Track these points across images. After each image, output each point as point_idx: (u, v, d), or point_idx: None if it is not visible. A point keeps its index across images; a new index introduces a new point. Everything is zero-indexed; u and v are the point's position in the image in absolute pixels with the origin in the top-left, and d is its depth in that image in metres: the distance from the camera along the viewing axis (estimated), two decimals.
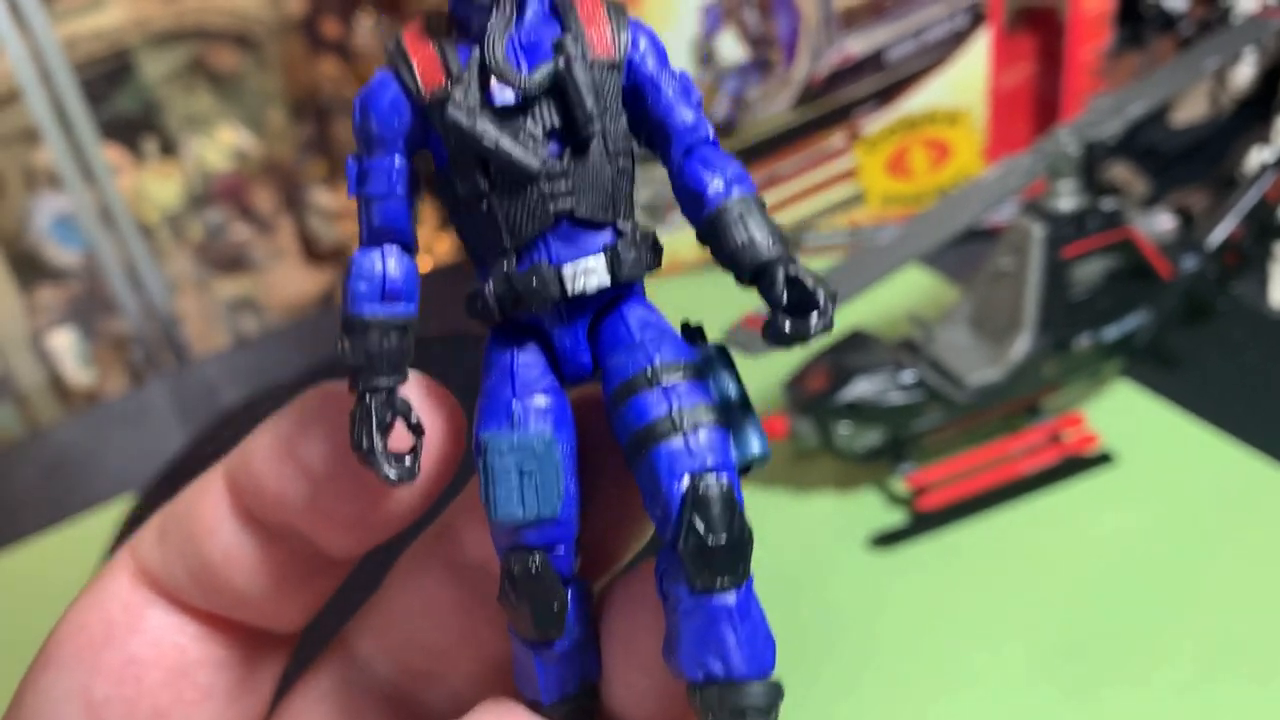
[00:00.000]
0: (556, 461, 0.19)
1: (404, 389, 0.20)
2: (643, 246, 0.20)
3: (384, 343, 0.20)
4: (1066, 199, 0.60)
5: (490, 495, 0.19)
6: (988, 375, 0.60)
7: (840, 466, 0.63)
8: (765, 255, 0.19)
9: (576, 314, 0.20)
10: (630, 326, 0.20)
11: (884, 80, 0.82)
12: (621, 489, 0.21)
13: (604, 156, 0.20)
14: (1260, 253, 0.69)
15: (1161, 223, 0.86)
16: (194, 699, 0.22)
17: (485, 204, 0.20)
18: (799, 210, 0.86)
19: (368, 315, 0.20)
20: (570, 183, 0.19)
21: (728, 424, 0.20)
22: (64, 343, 1.22)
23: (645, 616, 0.20)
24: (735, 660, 0.19)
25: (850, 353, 0.60)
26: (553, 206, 0.19)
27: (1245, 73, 0.91)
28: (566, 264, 0.20)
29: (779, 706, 0.19)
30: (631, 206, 0.20)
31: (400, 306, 0.20)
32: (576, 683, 0.21)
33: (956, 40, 0.81)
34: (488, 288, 0.20)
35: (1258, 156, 0.86)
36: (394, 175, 0.20)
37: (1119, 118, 0.59)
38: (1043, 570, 0.57)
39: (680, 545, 0.18)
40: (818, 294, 0.19)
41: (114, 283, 1.17)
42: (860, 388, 0.58)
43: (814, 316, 0.18)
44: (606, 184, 0.20)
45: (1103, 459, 0.62)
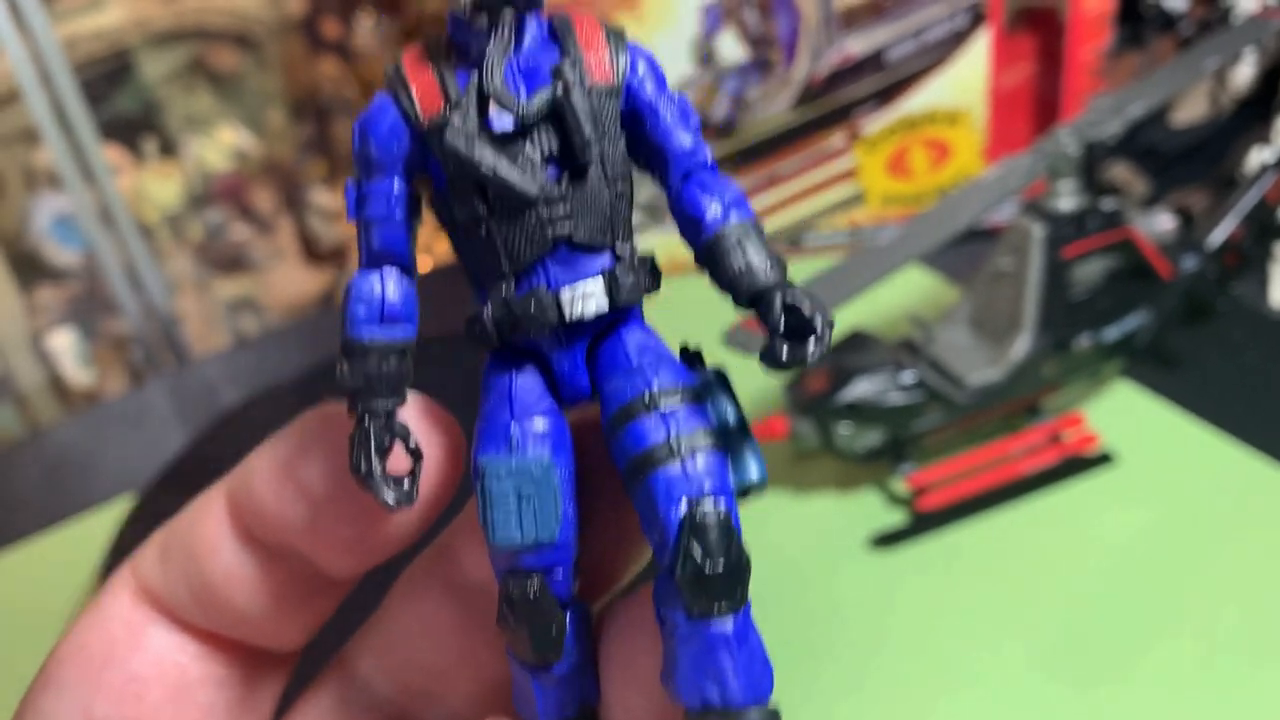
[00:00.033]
0: (554, 485, 0.19)
1: (403, 411, 0.20)
2: (640, 270, 0.20)
3: (383, 366, 0.20)
4: (1066, 199, 0.60)
5: (488, 519, 0.19)
6: (988, 375, 0.60)
7: (840, 467, 0.63)
8: (763, 281, 0.19)
9: (575, 338, 0.20)
10: (628, 351, 0.20)
11: (884, 80, 0.82)
12: (620, 511, 0.21)
13: (602, 181, 0.20)
14: (1260, 253, 0.69)
15: (1161, 223, 0.86)
16: (195, 717, 0.22)
17: (484, 229, 0.20)
18: (799, 210, 0.86)
19: (366, 339, 0.20)
20: (568, 207, 0.19)
21: (726, 449, 0.20)
22: (64, 343, 1.22)
23: (644, 641, 0.20)
24: (732, 687, 0.19)
25: (850, 353, 0.60)
26: (551, 231, 0.19)
27: (1245, 73, 0.91)
28: (564, 289, 0.20)
29: None
30: (630, 230, 0.21)
31: (399, 329, 0.20)
32: (575, 706, 0.21)
33: (956, 40, 0.81)
34: (486, 312, 0.20)
35: (1258, 157, 0.86)
36: (393, 199, 0.20)
37: (1119, 118, 0.59)
38: (1043, 570, 0.57)
39: (677, 571, 0.18)
40: (815, 320, 0.19)
41: (114, 283, 1.17)
42: (860, 388, 0.58)
43: (811, 342, 0.19)
44: (605, 208, 0.20)
45: (1103, 459, 0.62)
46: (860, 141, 0.84)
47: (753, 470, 0.20)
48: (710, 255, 0.20)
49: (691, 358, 0.21)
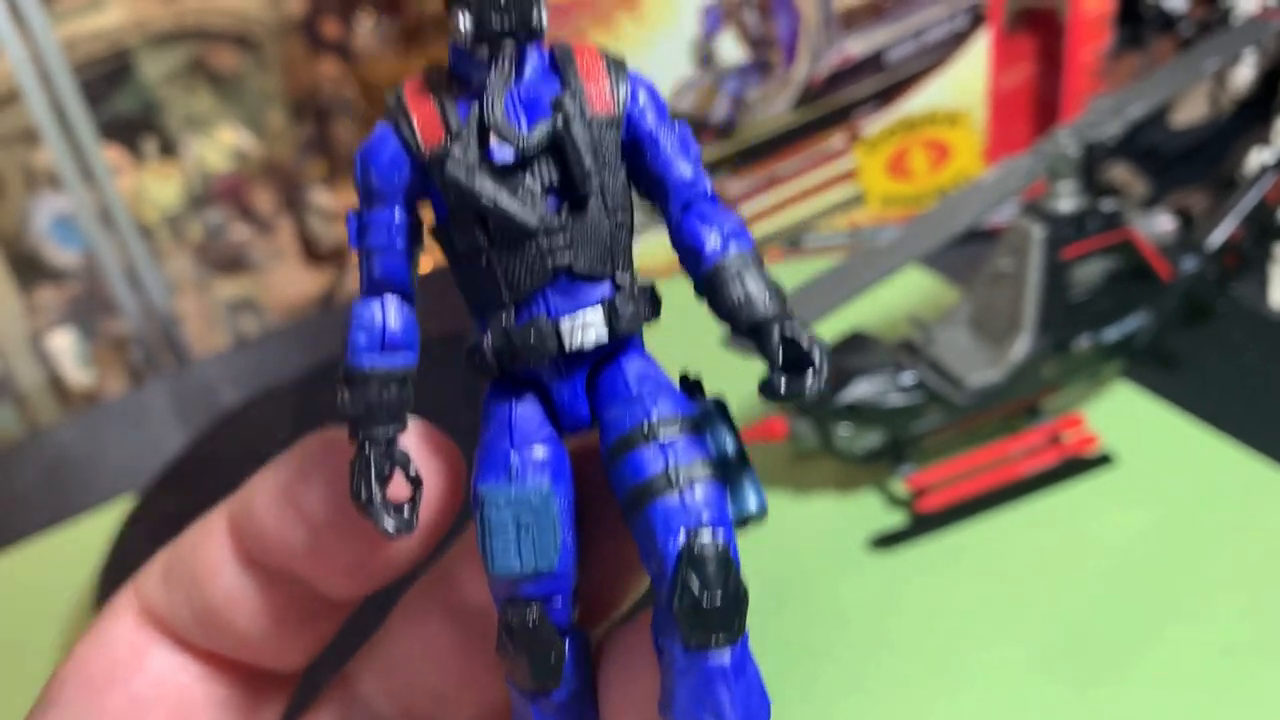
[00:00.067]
0: (554, 514, 0.19)
1: (404, 438, 0.20)
2: (640, 300, 0.20)
3: (384, 393, 0.20)
4: (1066, 200, 0.60)
5: (487, 548, 0.19)
6: (988, 376, 0.60)
7: (840, 468, 0.63)
8: (762, 313, 0.19)
9: (574, 367, 0.21)
10: (628, 379, 0.20)
11: (884, 81, 0.82)
12: (619, 539, 0.21)
13: (602, 211, 0.20)
14: (1260, 254, 0.69)
15: (1161, 224, 0.86)
16: None
17: (484, 259, 0.20)
18: (799, 211, 0.86)
19: (367, 367, 0.20)
20: (568, 238, 0.20)
21: (725, 479, 0.20)
22: (64, 343, 1.22)
23: (642, 670, 0.20)
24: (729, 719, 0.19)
25: (850, 354, 0.60)
26: (551, 262, 0.20)
27: (1245, 74, 0.91)
28: (564, 318, 0.20)
29: None
30: (630, 259, 0.21)
31: (400, 357, 0.20)
32: None
33: (956, 41, 0.81)
34: (486, 341, 0.20)
35: (1257, 158, 0.86)
36: (393, 229, 0.20)
37: (1119, 119, 0.59)
38: (1043, 571, 0.57)
39: (675, 603, 0.19)
40: (813, 353, 0.19)
41: (114, 283, 1.17)
42: (860, 389, 0.58)
43: (809, 375, 0.19)
44: (605, 238, 0.20)
45: (1103, 460, 0.62)
46: (860, 142, 0.84)
47: (751, 501, 0.20)
48: (709, 286, 0.20)
49: (691, 386, 0.21)
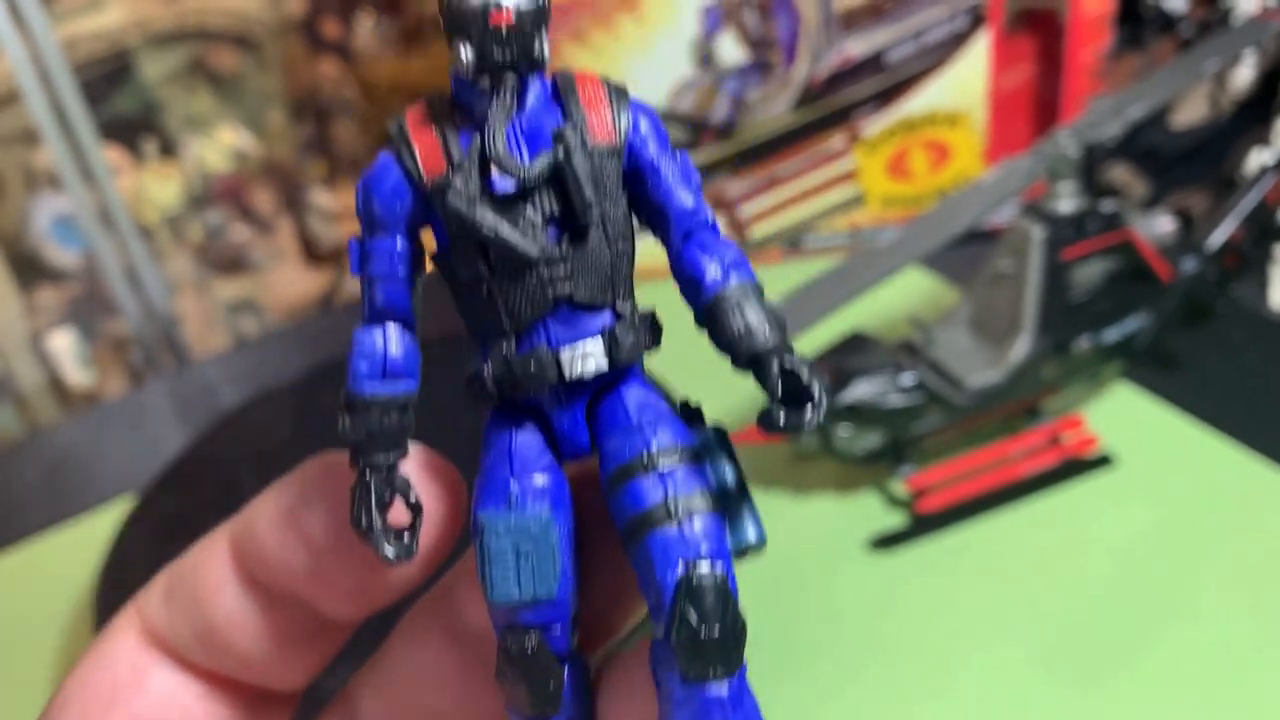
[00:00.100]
0: (553, 542, 0.20)
1: (405, 464, 0.21)
2: (641, 329, 0.20)
3: (384, 420, 0.20)
4: (1066, 201, 0.60)
5: (487, 575, 0.20)
6: (987, 377, 0.60)
7: (840, 469, 0.63)
8: (761, 345, 0.20)
9: (574, 396, 0.21)
10: (628, 408, 0.20)
11: (884, 82, 0.82)
12: (619, 565, 0.21)
13: (603, 241, 0.20)
14: (1260, 255, 0.69)
15: (1161, 224, 0.86)
16: None
17: (485, 288, 0.20)
18: (799, 212, 0.86)
19: (368, 394, 0.20)
20: (569, 268, 0.20)
21: (724, 510, 0.20)
22: (64, 343, 1.22)
23: (639, 700, 0.20)
24: None
25: (850, 355, 0.60)
26: (551, 291, 0.20)
27: (1245, 74, 0.91)
28: (564, 348, 0.20)
29: None
30: (631, 288, 0.21)
31: (401, 384, 0.20)
32: None
33: (956, 42, 0.81)
34: (486, 369, 0.20)
35: (1257, 158, 0.86)
36: (395, 257, 0.20)
37: (1119, 119, 0.59)
38: (1043, 572, 0.57)
39: (673, 636, 0.19)
40: (812, 387, 0.19)
41: (114, 283, 1.17)
42: (860, 390, 0.58)
43: (808, 409, 0.19)
44: (605, 267, 0.20)
45: (1103, 461, 0.62)
46: (860, 143, 0.84)
47: (750, 532, 0.20)
48: (709, 317, 0.20)
49: (692, 414, 0.21)
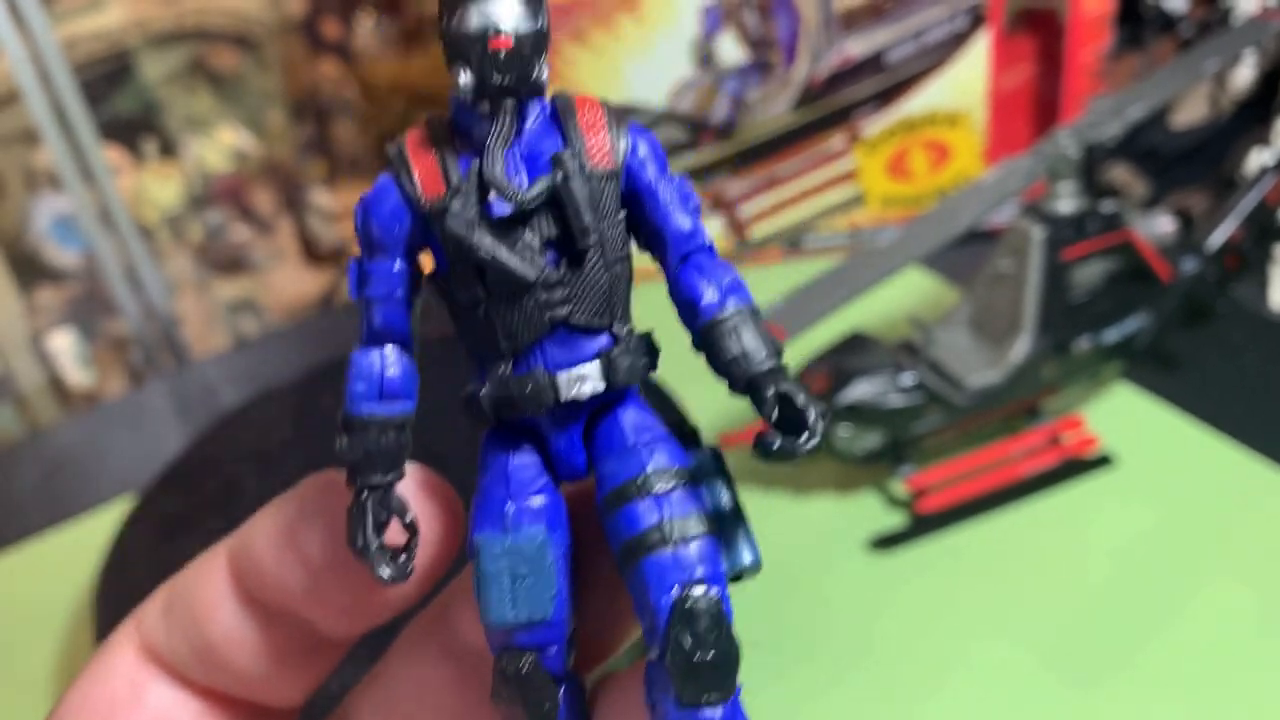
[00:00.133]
0: (548, 564, 0.20)
1: (402, 484, 0.21)
2: (638, 351, 0.21)
3: (381, 440, 0.20)
4: (1066, 201, 0.60)
5: (483, 597, 0.20)
6: (987, 377, 0.60)
7: (840, 469, 0.63)
8: (757, 370, 0.20)
9: (571, 418, 0.21)
10: (624, 430, 0.21)
11: (884, 82, 0.82)
12: (615, 585, 0.21)
13: (601, 264, 0.20)
14: (1260, 255, 0.69)
15: (1161, 225, 0.86)
16: None
17: (483, 310, 0.20)
18: (799, 212, 0.86)
19: (366, 414, 0.20)
20: (567, 291, 0.20)
21: (719, 533, 0.20)
22: (64, 343, 1.22)
23: (636, 718, 0.20)
24: None
25: (850, 355, 0.60)
26: (549, 314, 0.20)
27: (1245, 75, 0.91)
28: (561, 371, 0.20)
29: None
30: (628, 310, 0.21)
31: (398, 405, 0.21)
32: None
33: (956, 42, 0.81)
34: (484, 390, 0.20)
35: (1257, 159, 0.86)
36: (393, 279, 0.20)
37: (1119, 119, 0.59)
38: (1043, 573, 0.57)
39: (668, 660, 0.19)
40: (808, 413, 0.19)
41: (113, 284, 1.17)
42: (860, 390, 0.58)
43: (804, 436, 0.19)
44: (603, 290, 0.20)
45: (1103, 461, 0.62)
46: (860, 143, 0.84)
47: (745, 554, 0.20)
48: (706, 341, 0.20)
49: (688, 436, 0.21)
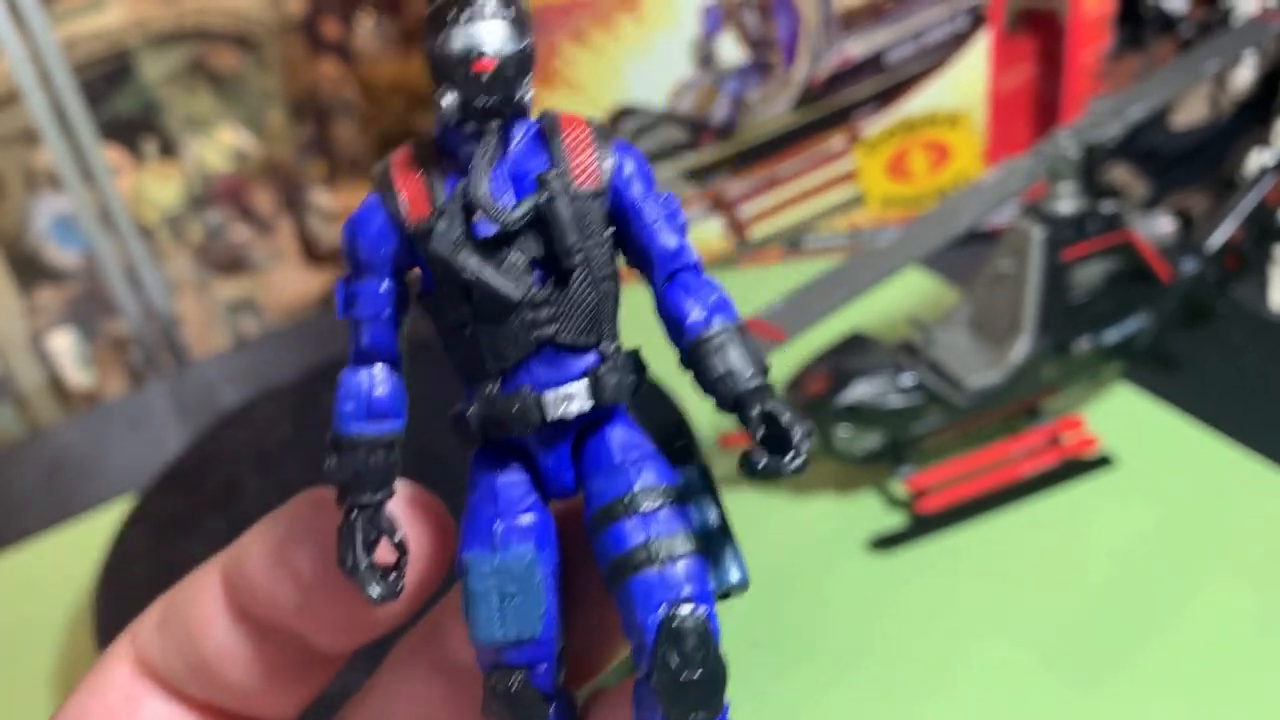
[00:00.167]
0: (537, 583, 0.20)
1: (392, 503, 0.21)
2: (625, 370, 0.21)
3: (370, 459, 0.20)
4: (1066, 201, 0.60)
5: (471, 616, 0.20)
6: (987, 378, 0.60)
7: (840, 469, 0.63)
8: (743, 388, 0.20)
9: (558, 436, 0.21)
10: (611, 448, 0.21)
11: (884, 82, 0.82)
12: (605, 602, 0.21)
13: (587, 283, 0.20)
14: (1260, 256, 0.69)
15: (1161, 225, 0.86)
16: None
17: (470, 330, 0.20)
18: (798, 212, 0.86)
19: (354, 434, 0.20)
20: (553, 310, 0.20)
21: (706, 552, 0.20)
22: (64, 344, 1.22)
23: None
24: None
25: (849, 355, 0.60)
26: (535, 334, 0.20)
27: (1245, 75, 0.91)
28: (548, 391, 0.20)
29: None
30: (616, 328, 0.21)
31: (387, 424, 0.21)
32: None
33: (956, 42, 0.81)
34: (471, 410, 0.20)
35: (1258, 159, 0.86)
36: (380, 299, 0.20)
37: (1119, 120, 0.59)
38: (1043, 573, 0.57)
39: (655, 678, 0.19)
40: (793, 432, 0.19)
41: (114, 284, 1.17)
42: (859, 390, 0.58)
43: (789, 456, 0.19)
44: (589, 309, 0.20)
45: (1103, 462, 0.62)
46: (860, 143, 0.84)
47: (733, 572, 0.20)
48: (692, 359, 0.20)
49: (677, 453, 0.21)
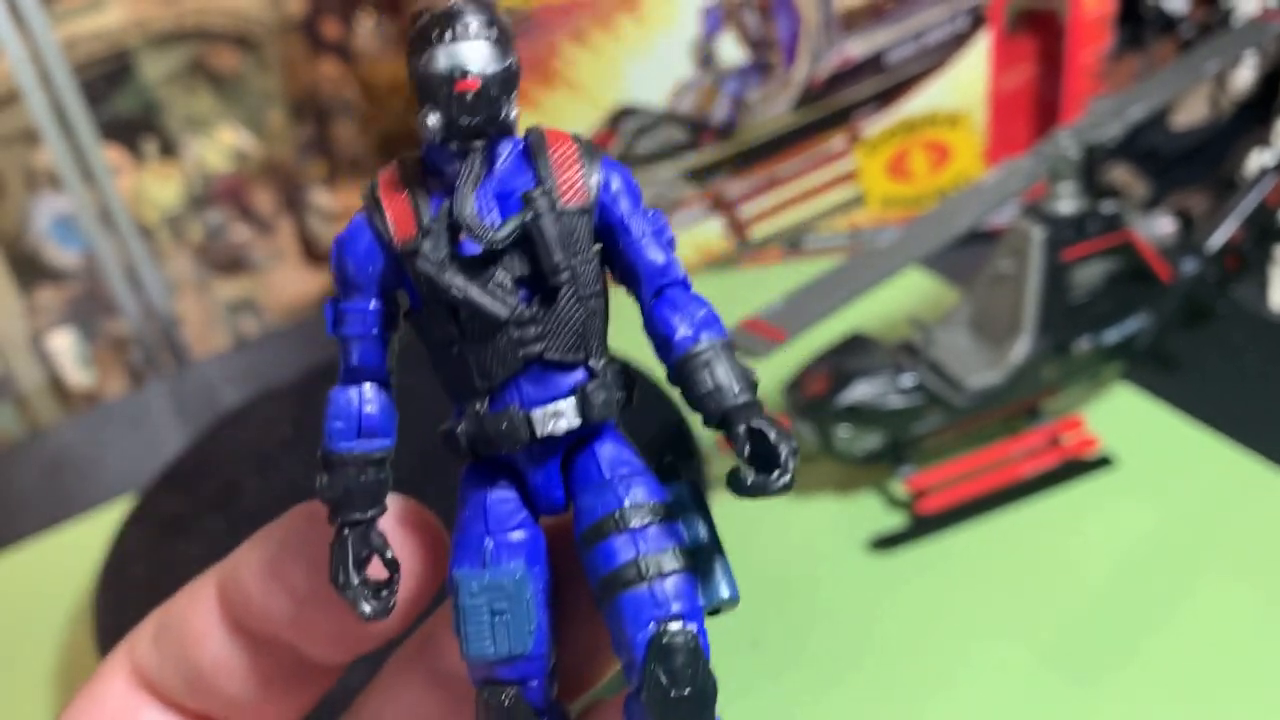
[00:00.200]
0: (527, 599, 0.20)
1: (383, 519, 0.21)
2: (613, 386, 0.21)
3: (361, 476, 0.20)
4: (1066, 201, 0.60)
5: (462, 632, 0.20)
6: (988, 378, 0.60)
7: (840, 469, 0.63)
8: (730, 404, 0.20)
9: (548, 453, 0.21)
10: (601, 465, 0.21)
11: (884, 82, 0.82)
12: (596, 618, 0.21)
13: (574, 300, 0.20)
14: (1260, 256, 0.69)
15: (1162, 225, 0.86)
16: None
17: (457, 349, 0.20)
18: (799, 213, 0.86)
19: (345, 451, 0.20)
20: (540, 328, 0.20)
21: (695, 568, 0.20)
22: (64, 343, 1.22)
23: None
24: None
25: (850, 356, 0.60)
26: (522, 351, 0.20)
27: (1245, 75, 0.91)
28: (536, 408, 0.20)
29: None
30: (604, 344, 0.21)
31: (377, 442, 0.21)
32: None
33: (957, 42, 0.81)
34: (460, 427, 0.20)
35: (1258, 159, 0.86)
36: (369, 317, 0.21)
37: (1119, 120, 0.59)
38: (1043, 573, 0.57)
39: (644, 695, 0.19)
40: (780, 449, 0.19)
41: (114, 284, 1.17)
42: (860, 391, 0.58)
43: (775, 473, 0.19)
44: (577, 326, 0.20)
45: (1103, 462, 0.62)
46: (860, 144, 0.84)
47: (723, 589, 0.20)
48: (680, 375, 0.20)
49: (667, 470, 0.21)
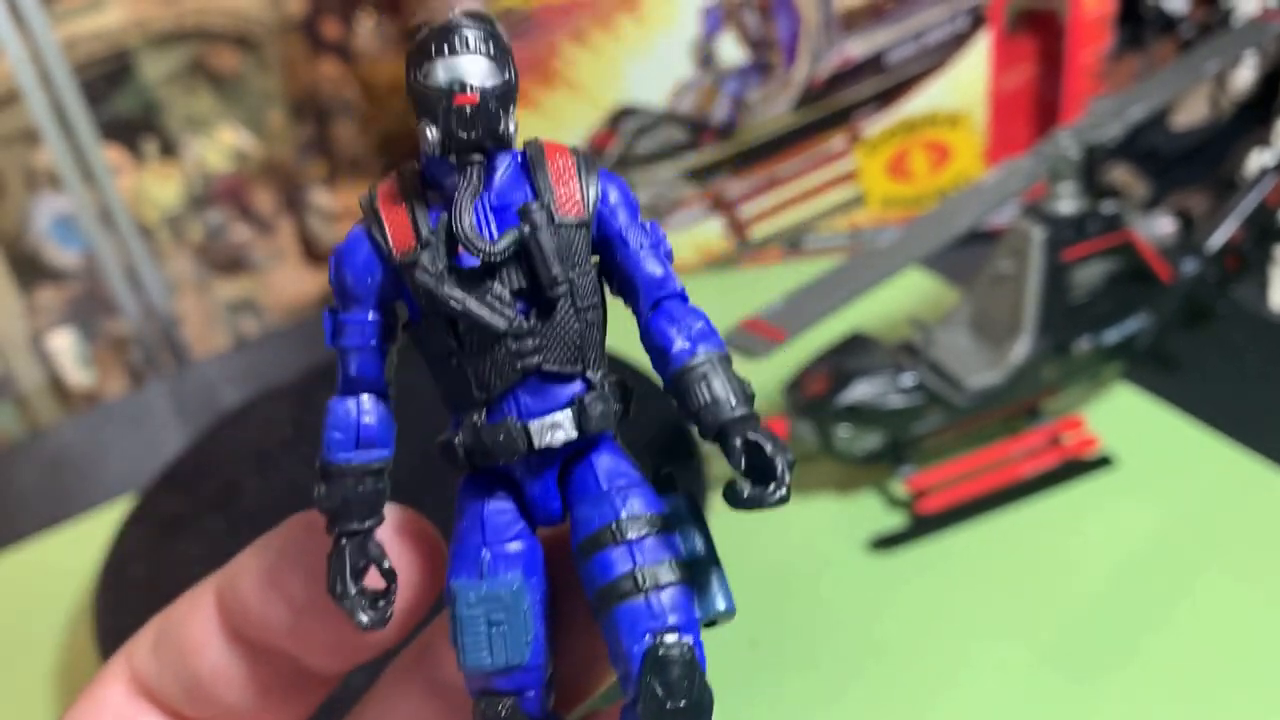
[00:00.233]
0: (525, 610, 0.20)
1: (381, 529, 0.21)
2: (611, 398, 0.21)
3: (359, 487, 0.20)
4: (1067, 202, 0.60)
5: (459, 643, 0.20)
6: (988, 378, 0.60)
7: (840, 469, 0.63)
8: (726, 417, 0.20)
9: (545, 464, 0.21)
10: (598, 476, 0.21)
11: (884, 82, 0.82)
12: (593, 629, 0.21)
13: (571, 312, 0.20)
14: (1260, 256, 0.69)
15: (1162, 225, 0.86)
16: None
17: (455, 360, 0.20)
18: (799, 212, 0.86)
19: (343, 462, 0.20)
20: (537, 340, 0.20)
21: (692, 580, 0.20)
22: (64, 343, 1.22)
23: None
24: None
25: (850, 355, 0.60)
26: (520, 363, 0.20)
27: (1245, 76, 0.91)
28: (534, 420, 0.20)
29: None
30: (602, 355, 0.21)
31: (375, 453, 0.21)
32: None
33: (957, 43, 0.81)
34: (458, 438, 0.21)
35: (1258, 159, 0.86)
36: (367, 329, 0.21)
37: (1119, 120, 0.59)
38: (1043, 573, 0.57)
39: (639, 707, 0.19)
40: (776, 462, 0.19)
41: (114, 283, 1.17)
42: (860, 390, 0.58)
43: (771, 486, 0.19)
44: (575, 337, 0.20)
45: (1103, 462, 0.62)
46: (860, 144, 0.84)
47: (719, 601, 0.20)
48: (677, 387, 0.20)
49: (663, 482, 0.21)
